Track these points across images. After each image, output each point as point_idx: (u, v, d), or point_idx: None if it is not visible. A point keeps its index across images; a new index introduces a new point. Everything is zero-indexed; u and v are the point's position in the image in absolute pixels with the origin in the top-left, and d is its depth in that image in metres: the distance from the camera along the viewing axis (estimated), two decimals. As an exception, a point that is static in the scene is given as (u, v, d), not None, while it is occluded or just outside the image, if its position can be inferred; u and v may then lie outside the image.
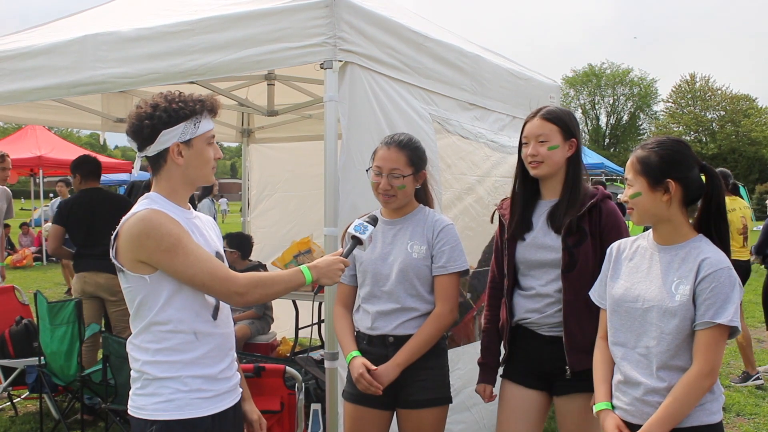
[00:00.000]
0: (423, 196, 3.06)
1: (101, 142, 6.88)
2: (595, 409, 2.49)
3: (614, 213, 2.81)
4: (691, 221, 2.40)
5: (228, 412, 2.30)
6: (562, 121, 2.82)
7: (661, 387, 2.29)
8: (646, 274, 2.39)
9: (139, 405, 2.21)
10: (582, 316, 2.73)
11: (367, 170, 3.00)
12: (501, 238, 3.00)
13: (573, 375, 2.76)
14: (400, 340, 2.87)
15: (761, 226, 6.67)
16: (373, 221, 2.69)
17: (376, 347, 2.91)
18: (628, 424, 2.37)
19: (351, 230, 2.65)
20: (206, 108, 2.27)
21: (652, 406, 2.30)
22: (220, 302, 2.31)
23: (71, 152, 16.83)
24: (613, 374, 2.48)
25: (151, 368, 2.19)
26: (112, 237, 2.21)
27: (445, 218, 3.01)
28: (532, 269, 2.87)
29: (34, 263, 16.47)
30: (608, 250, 2.59)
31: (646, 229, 2.52)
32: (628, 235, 2.81)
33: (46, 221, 16.36)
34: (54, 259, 16.07)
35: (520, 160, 2.91)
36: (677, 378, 2.26)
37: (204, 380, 2.22)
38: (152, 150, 2.22)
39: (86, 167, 5.61)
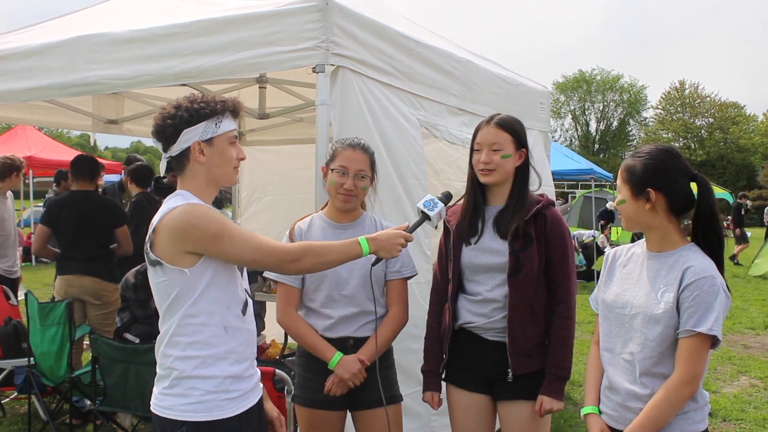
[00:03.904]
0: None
1: (91, 143, 6.85)
2: (582, 412, 2.52)
3: (558, 220, 2.86)
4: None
5: (253, 409, 2.34)
6: (515, 131, 2.86)
7: (643, 393, 2.30)
8: (636, 281, 2.41)
9: (167, 405, 2.23)
10: (526, 319, 2.78)
11: (332, 170, 2.97)
12: (446, 244, 3.00)
13: (516, 379, 2.79)
14: (360, 342, 2.93)
15: (750, 233, 6.73)
16: (446, 198, 2.70)
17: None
18: (612, 429, 2.40)
19: (420, 205, 2.64)
20: (228, 108, 2.34)
21: (633, 412, 2.31)
22: (248, 299, 2.37)
23: (61, 153, 16.77)
24: (602, 379, 2.51)
25: (183, 364, 2.22)
26: (149, 232, 2.23)
27: (392, 224, 3.03)
28: (477, 274, 2.88)
29: (23, 264, 16.33)
30: (605, 256, 2.63)
31: (637, 236, 2.56)
32: (571, 242, 2.92)
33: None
34: (45, 260, 15.98)
35: (471, 166, 2.94)
36: (660, 385, 2.28)
37: (233, 380, 2.26)
38: (175, 149, 2.28)
39: (77, 168, 5.56)
